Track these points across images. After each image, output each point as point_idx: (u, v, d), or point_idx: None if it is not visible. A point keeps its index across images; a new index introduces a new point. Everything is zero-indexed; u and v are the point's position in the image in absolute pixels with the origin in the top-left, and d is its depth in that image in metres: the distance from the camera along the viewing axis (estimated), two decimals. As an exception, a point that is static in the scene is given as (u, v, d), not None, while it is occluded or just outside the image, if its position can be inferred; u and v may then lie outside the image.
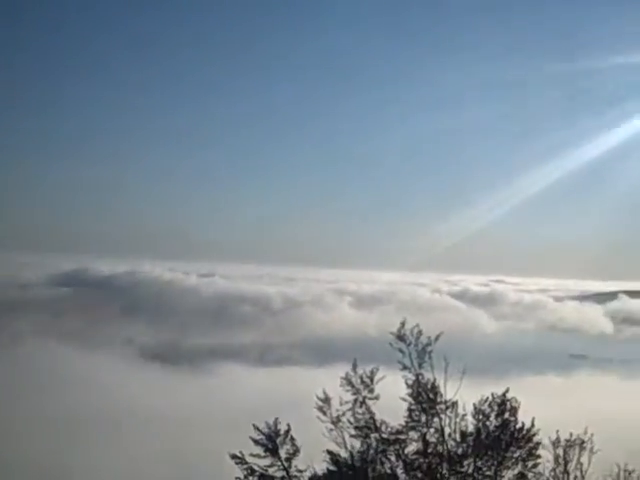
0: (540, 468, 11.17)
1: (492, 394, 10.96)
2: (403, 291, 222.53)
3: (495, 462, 11.12)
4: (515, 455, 11.18)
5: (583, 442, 10.78)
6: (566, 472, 10.77)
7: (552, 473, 10.89)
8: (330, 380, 11.05)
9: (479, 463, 11.07)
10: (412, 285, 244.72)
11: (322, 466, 10.38)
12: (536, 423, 11.30)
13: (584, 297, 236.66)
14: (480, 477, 11.12)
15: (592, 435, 10.77)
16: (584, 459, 10.78)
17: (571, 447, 10.78)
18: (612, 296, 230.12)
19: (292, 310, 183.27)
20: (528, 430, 11.21)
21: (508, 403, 11.03)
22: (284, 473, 10.14)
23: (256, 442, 10.16)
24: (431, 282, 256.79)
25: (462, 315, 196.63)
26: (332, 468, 10.34)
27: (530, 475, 11.21)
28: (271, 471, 10.13)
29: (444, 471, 10.97)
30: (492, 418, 10.99)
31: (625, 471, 10.87)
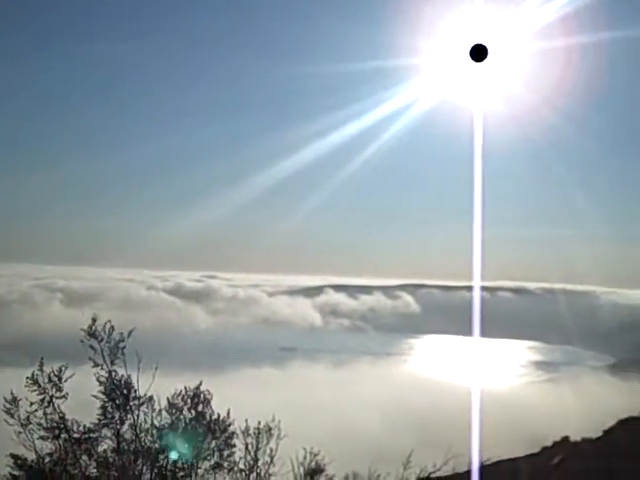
0: (236, 457, 11.61)
1: (185, 387, 11.21)
2: (116, 288, 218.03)
3: (191, 454, 11.36)
4: (211, 446, 11.52)
5: (270, 429, 11.39)
6: (256, 458, 11.33)
7: (243, 460, 11.39)
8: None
9: (175, 457, 11.25)
10: (125, 281, 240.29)
11: (6, 471, 9.90)
12: (243, 414, 11.73)
13: (294, 292, 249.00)
14: (176, 470, 11.30)
15: (279, 422, 11.40)
16: (273, 445, 11.38)
17: (260, 434, 11.34)
18: (319, 290, 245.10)
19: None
20: (223, 421, 11.60)
21: (202, 395, 11.35)
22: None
23: None
24: (144, 279, 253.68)
25: (178, 311, 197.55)
26: (16, 473, 9.90)
27: (226, 464, 11.61)
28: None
29: (140, 467, 10.98)
30: (185, 411, 11.23)
31: (311, 453, 11.64)
